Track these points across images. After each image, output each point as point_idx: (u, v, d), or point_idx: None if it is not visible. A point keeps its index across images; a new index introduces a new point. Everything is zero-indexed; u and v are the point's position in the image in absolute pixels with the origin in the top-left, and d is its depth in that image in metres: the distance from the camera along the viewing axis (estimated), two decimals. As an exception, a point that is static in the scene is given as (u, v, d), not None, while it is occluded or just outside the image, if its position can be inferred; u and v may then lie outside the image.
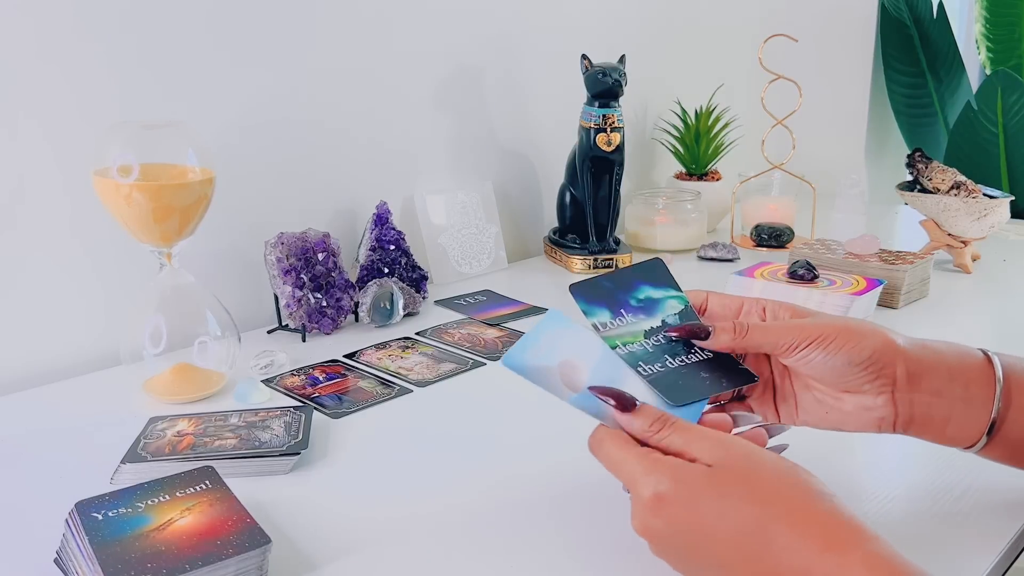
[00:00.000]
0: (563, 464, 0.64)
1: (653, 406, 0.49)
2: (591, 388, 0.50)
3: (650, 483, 0.45)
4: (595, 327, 0.54)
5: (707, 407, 0.52)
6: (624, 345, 0.53)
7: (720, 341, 0.52)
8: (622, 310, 0.55)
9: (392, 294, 0.94)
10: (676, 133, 1.43)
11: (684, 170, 1.45)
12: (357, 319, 0.96)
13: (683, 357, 0.53)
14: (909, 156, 1.18)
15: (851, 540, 0.42)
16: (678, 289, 0.57)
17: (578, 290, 0.56)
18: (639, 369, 0.52)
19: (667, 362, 0.53)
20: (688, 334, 0.53)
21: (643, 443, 0.48)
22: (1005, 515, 0.57)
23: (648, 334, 0.54)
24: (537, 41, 1.26)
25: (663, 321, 0.55)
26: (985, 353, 0.54)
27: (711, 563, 0.45)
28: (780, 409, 0.56)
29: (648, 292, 0.56)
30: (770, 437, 0.53)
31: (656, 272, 0.57)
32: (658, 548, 0.47)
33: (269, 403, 0.75)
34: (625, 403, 0.48)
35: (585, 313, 0.55)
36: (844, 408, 0.53)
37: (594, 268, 1.17)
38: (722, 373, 0.52)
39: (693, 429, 0.47)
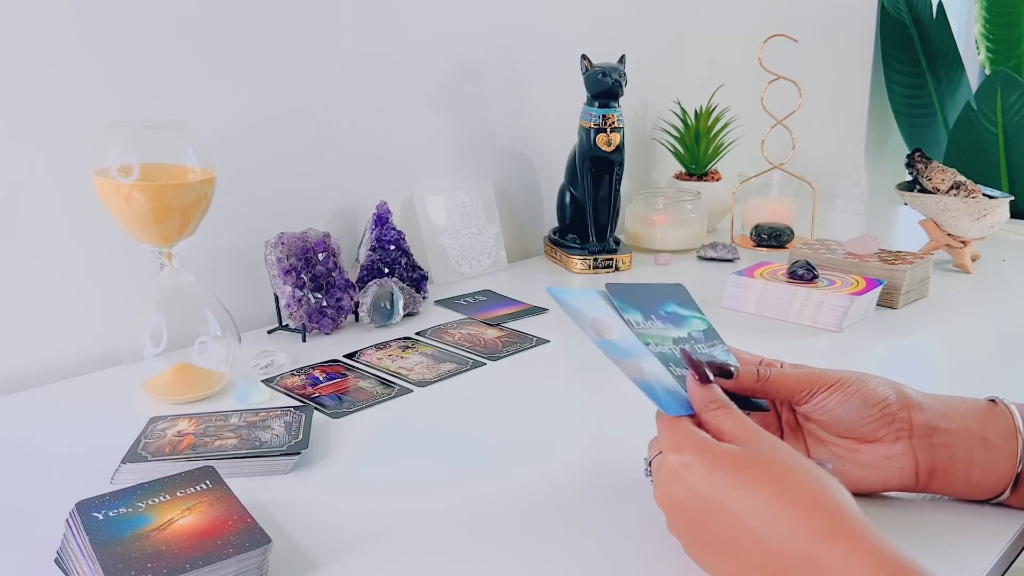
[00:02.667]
0: (563, 464, 0.64)
1: (719, 388, 0.51)
2: (684, 351, 0.52)
3: (679, 451, 0.48)
4: (628, 323, 0.56)
5: None
6: (656, 344, 0.56)
7: (743, 383, 0.54)
8: (652, 315, 0.58)
9: (392, 294, 0.94)
10: (676, 133, 1.43)
11: (684, 170, 1.45)
12: (357, 319, 0.96)
13: None
14: (909, 156, 1.18)
15: (858, 532, 0.42)
16: (700, 311, 0.60)
17: (613, 290, 0.58)
18: (670, 369, 0.54)
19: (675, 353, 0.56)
20: (717, 370, 0.53)
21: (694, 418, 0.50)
22: (1005, 515, 0.57)
23: (676, 341, 0.57)
24: (537, 41, 1.26)
25: (689, 334, 0.58)
26: (991, 400, 0.55)
27: (720, 541, 0.46)
28: None
29: (674, 308, 0.60)
30: None
31: (680, 294, 0.61)
32: (673, 520, 0.49)
33: (269, 403, 0.75)
34: (703, 375, 0.51)
35: (620, 309, 0.57)
36: (861, 460, 0.54)
37: (594, 268, 1.17)
38: (737, 398, 0.54)
39: (742, 420, 0.49)
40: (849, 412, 0.53)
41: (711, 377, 0.51)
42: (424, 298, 1.02)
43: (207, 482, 0.55)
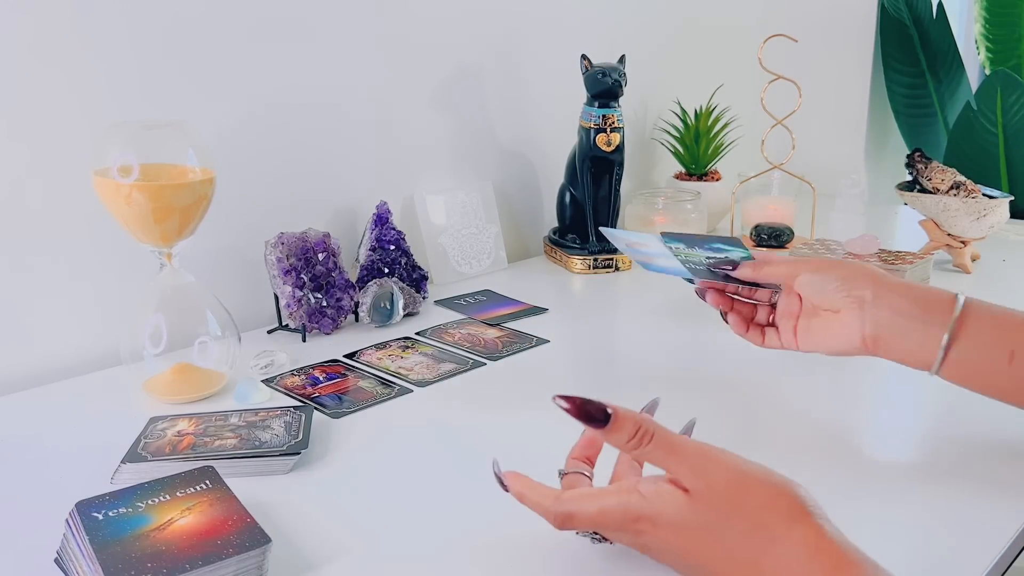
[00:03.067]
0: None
1: (628, 413, 0.46)
2: (556, 396, 0.47)
3: (637, 517, 0.46)
4: (670, 249, 0.72)
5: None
6: (686, 259, 0.72)
7: (743, 272, 0.69)
8: (695, 247, 0.71)
9: (392, 294, 0.94)
10: (676, 133, 1.43)
11: (684, 170, 1.45)
12: (357, 319, 0.96)
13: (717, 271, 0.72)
14: (909, 156, 1.17)
15: (839, 563, 0.42)
16: (747, 251, 0.70)
17: (667, 232, 0.72)
18: (679, 257, 0.72)
19: (703, 266, 0.72)
20: (722, 263, 0.70)
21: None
22: (1005, 515, 0.57)
23: (707, 259, 0.71)
24: (537, 41, 1.26)
25: (726, 256, 0.70)
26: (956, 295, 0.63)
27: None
28: (783, 335, 0.70)
29: (722, 247, 0.70)
30: (650, 412, 0.54)
31: (735, 242, 0.69)
32: (660, 560, 0.49)
33: (269, 403, 0.75)
34: (597, 420, 0.46)
35: (666, 241, 0.72)
36: (830, 329, 0.66)
37: (594, 268, 1.17)
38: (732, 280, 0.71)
39: (675, 445, 0.46)
40: (821, 287, 0.65)
41: (608, 411, 0.46)
42: (424, 298, 1.02)
43: (207, 482, 0.55)
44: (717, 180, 1.42)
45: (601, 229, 0.81)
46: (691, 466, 0.45)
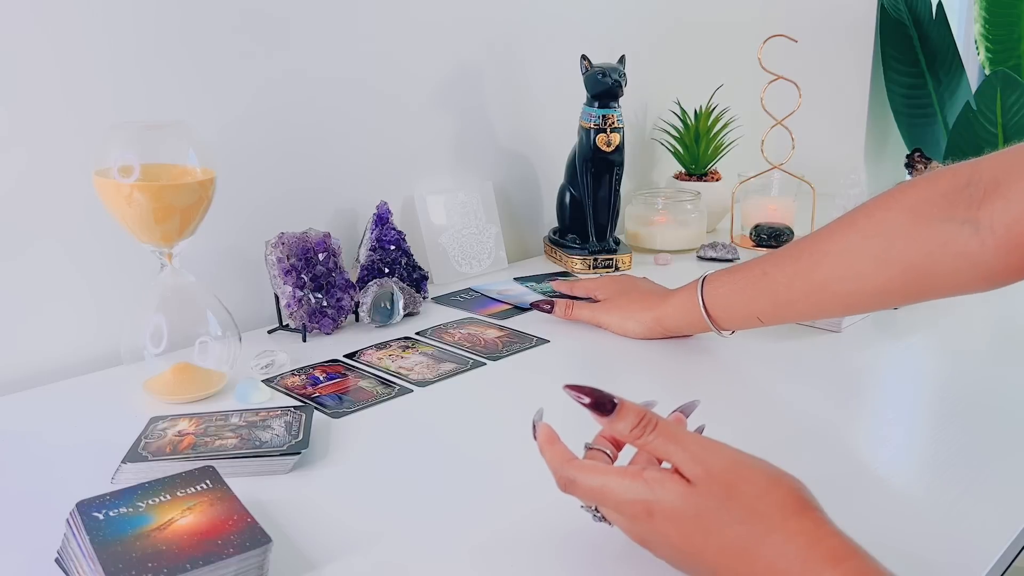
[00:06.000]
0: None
1: (633, 404, 0.49)
2: (567, 386, 0.51)
3: (635, 501, 0.46)
4: (528, 287, 1.09)
5: None
6: (540, 291, 1.08)
7: (556, 312, 0.96)
8: (540, 283, 1.09)
9: (392, 294, 0.94)
10: (676, 133, 1.43)
11: (684, 170, 1.45)
12: (357, 319, 0.96)
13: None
14: (908, 156, 1.18)
15: (836, 554, 0.42)
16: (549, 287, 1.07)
17: (517, 277, 1.09)
18: (536, 290, 1.08)
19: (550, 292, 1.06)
20: (539, 306, 0.97)
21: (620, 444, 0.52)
22: (1005, 515, 0.57)
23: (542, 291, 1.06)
24: (537, 41, 1.26)
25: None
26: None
27: (705, 570, 0.46)
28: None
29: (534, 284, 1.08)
30: (686, 416, 0.56)
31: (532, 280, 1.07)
32: (656, 553, 0.49)
33: (269, 403, 0.75)
34: (604, 407, 0.49)
35: (523, 283, 1.08)
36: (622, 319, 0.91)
37: (594, 268, 1.17)
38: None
39: (677, 435, 0.47)
40: (623, 326, 0.91)
41: (615, 401, 0.49)
42: (424, 298, 1.02)
43: (207, 482, 0.55)
44: (717, 180, 1.42)
45: (474, 287, 1.09)
46: (692, 454, 0.46)
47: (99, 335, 0.86)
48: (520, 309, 1.01)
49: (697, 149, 1.41)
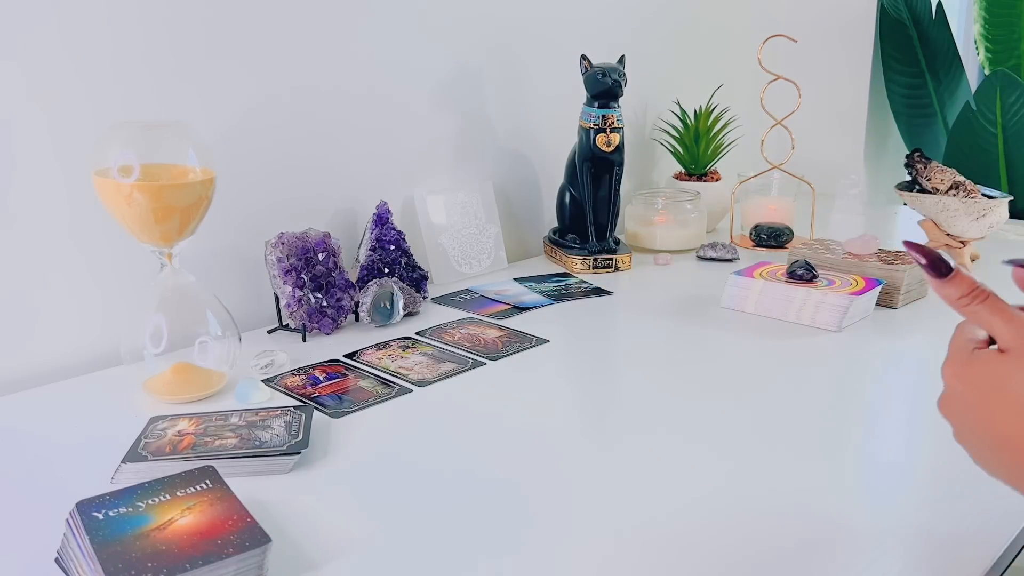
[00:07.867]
0: (561, 463, 0.65)
1: (969, 276, 0.50)
2: (905, 242, 0.52)
3: (970, 340, 0.49)
4: (527, 287, 1.02)
5: None
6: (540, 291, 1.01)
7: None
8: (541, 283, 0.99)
9: (392, 294, 0.94)
10: (676, 133, 1.43)
11: (684, 170, 1.45)
12: (357, 319, 0.96)
13: None
14: (908, 156, 1.18)
15: None
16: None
17: (517, 278, 0.95)
18: (535, 291, 1.01)
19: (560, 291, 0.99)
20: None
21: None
22: (1005, 515, 0.57)
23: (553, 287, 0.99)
24: (537, 41, 1.26)
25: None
26: None
27: (994, 436, 0.46)
28: None
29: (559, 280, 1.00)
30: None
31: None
32: (952, 402, 0.49)
33: (269, 403, 0.75)
34: (940, 270, 0.50)
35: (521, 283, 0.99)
36: None
37: (594, 268, 1.17)
38: None
39: (1005, 310, 0.48)
40: None
41: (951, 267, 0.50)
42: (424, 298, 1.02)
43: (207, 482, 0.55)
44: (717, 180, 1.42)
45: (472, 288, 1.06)
46: (1018, 328, 0.47)
47: (99, 335, 0.86)
48: (519, 309, 1.00)
49: (697, 149, 1.41)
